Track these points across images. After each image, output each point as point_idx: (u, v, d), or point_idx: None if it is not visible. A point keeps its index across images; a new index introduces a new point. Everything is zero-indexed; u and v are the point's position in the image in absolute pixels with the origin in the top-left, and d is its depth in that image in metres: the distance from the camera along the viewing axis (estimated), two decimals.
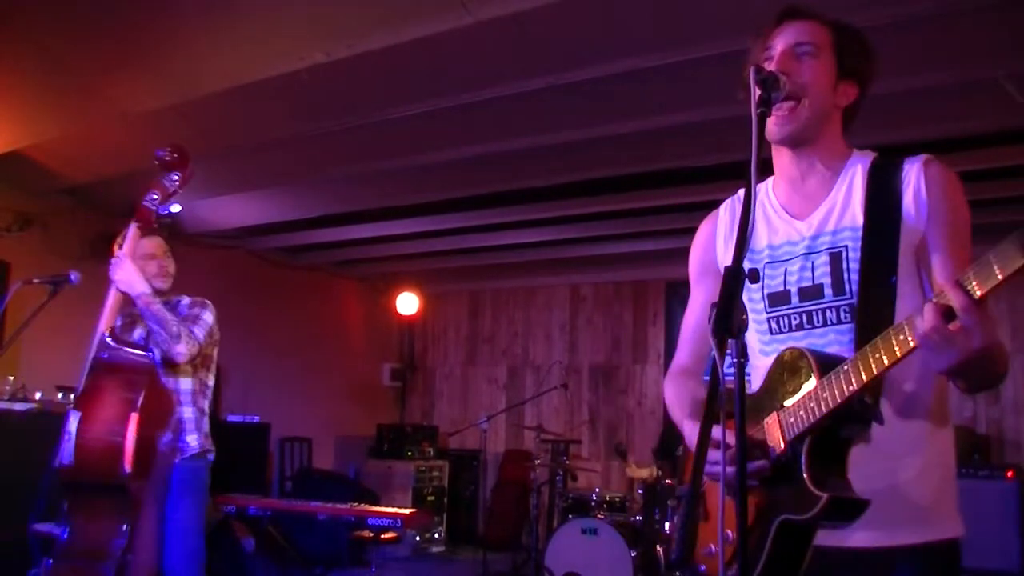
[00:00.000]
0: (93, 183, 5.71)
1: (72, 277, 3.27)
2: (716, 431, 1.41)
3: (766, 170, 1.75)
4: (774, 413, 1.54)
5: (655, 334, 8.36)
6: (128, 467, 2.77)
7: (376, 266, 8.72)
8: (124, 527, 2.75)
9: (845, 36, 1.68)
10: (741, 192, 1.89)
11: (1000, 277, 1.18)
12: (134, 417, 2.80)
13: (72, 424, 2.73)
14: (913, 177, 1.59)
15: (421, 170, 5.40)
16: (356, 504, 5.21)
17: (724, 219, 1.88)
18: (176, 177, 3.03)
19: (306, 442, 7.92)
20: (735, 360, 1.29)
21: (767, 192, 1.80)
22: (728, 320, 1.27)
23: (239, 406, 7.29)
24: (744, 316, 1.29)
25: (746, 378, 1.26)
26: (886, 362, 1.35)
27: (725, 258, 1.84)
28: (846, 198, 1.65)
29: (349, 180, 5.73)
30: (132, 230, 3.08)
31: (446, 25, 3.39)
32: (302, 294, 8.38)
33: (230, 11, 3.59)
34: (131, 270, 3.09)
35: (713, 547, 1.61)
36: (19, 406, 4.93)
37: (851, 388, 1.39)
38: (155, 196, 3.03)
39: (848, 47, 1.67)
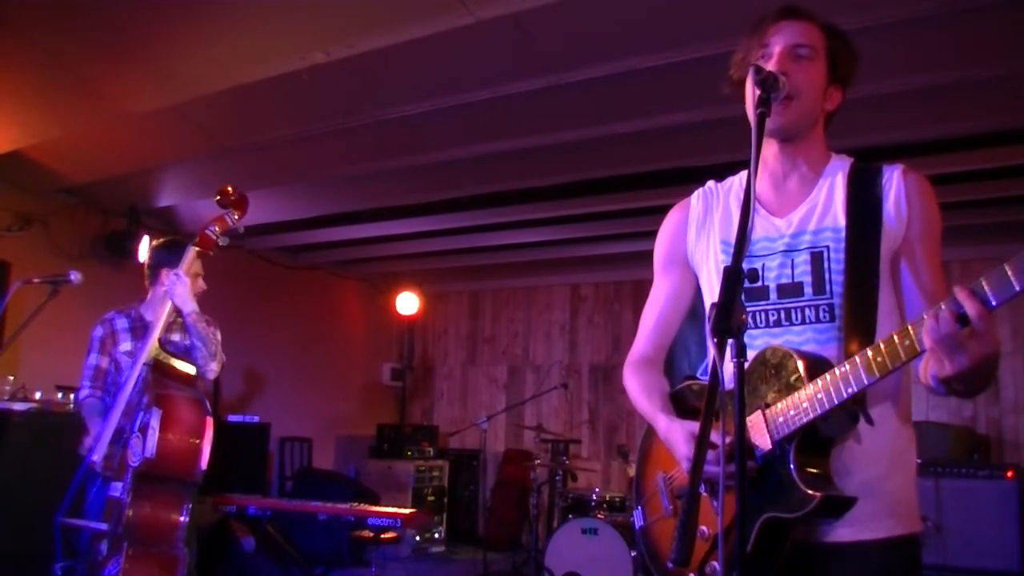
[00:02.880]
0: (93, 183, 5.72)
1: (72, 277, 3.28)
2: (697, 430, 1.46)
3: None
4: (758, 412, 1.55)
5: None
6: (204, 466, 3.02)
7: (376, 266, 8.73)
8: (184, 518, 2.99)
9: (837, 42, 1.70)
10: (711, 183, 1.90)
11: (1017, 288, 1.21)
12: (209, 421, 3.05)
13: (155, 420, 2.93)
14: (894, 184, 1.64)
15: (421, 170, 5.40)
16: (356, 504, 5.22)
17: (697, 208, 1.88)
18: (236, 216, 3.38)
19: (306, 442, 7.92)
20: (734, 359, 1.29)
21: (743, 184, 1.81)
22: (728, 320, 1.28)
23: (239, 406, 7.30)
24: (744, 315, 1.29)
25: (718, 374, 1.28)
26: (890, 366, 1.38)
27: (696, 249, 1.85)
28: (828, 199, 1.68)
29: (349, 180, 5.73)
30: (191, 253, 3.35)
31: (447, 25, 3.39)
32: (302, 294, 8.38)
33: (230, 11, 3.58)
34: (188, 288, 3.36)
35: None
36: (19, 406, 4.93)
37: (851, 390, 1.42)
38: (217, 228, 3.36)
39: (840, 53, 1.70)
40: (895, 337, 1.37)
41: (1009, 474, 5.34)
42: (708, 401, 1.32)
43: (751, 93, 1.57)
